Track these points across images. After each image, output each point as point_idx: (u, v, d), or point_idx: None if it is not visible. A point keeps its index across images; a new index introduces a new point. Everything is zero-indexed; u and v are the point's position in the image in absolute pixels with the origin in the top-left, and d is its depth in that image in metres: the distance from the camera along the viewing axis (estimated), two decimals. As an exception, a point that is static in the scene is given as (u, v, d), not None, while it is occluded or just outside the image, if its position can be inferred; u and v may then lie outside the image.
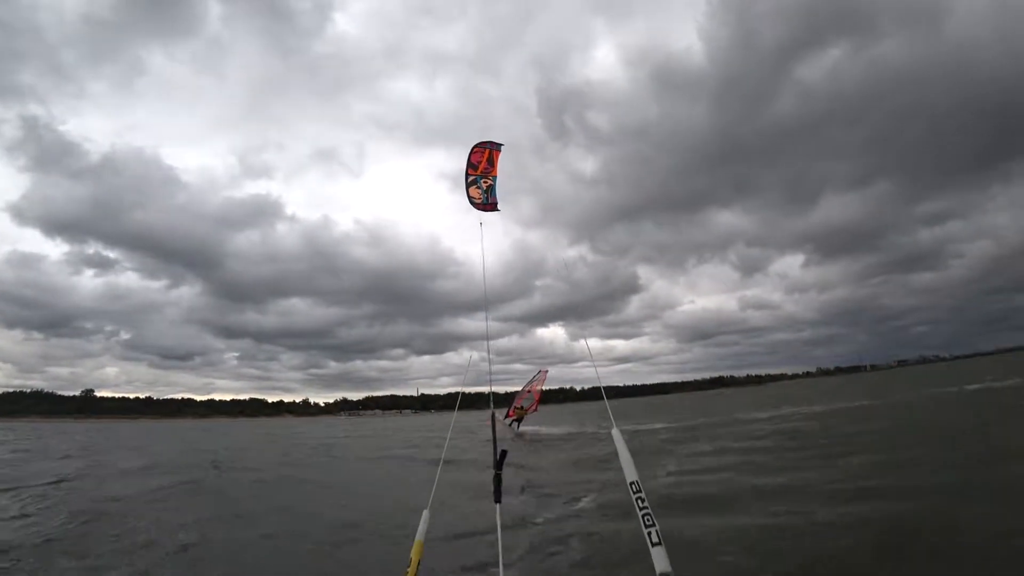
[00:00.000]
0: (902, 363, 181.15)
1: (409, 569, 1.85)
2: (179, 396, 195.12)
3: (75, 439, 37.14)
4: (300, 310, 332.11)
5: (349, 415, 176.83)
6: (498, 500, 2.41)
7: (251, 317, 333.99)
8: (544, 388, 32.89)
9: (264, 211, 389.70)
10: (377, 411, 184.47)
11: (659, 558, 1.49)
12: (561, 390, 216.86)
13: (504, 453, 2.68)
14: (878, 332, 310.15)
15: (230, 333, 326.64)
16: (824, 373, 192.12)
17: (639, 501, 1.69)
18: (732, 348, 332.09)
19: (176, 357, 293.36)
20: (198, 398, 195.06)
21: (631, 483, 1.77)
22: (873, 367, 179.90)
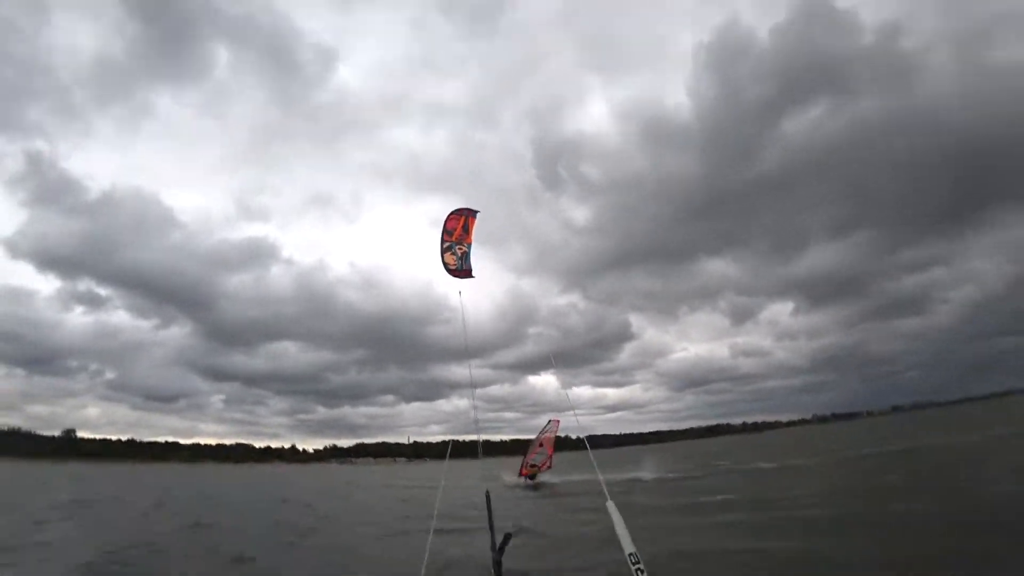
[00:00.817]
0: (897, 408, 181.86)
1: None
2: (162, 439, 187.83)
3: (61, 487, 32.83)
4: (290, 353, 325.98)
5: (341, 463, 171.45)
6: None
7: (240, 360, 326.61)
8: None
9: (260, 253, 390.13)
10: (369, 459, 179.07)
11: None
12: (556, 438, 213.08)
13: (508, 537, 2.46)
14: (867, 378, 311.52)
15: (218, 376, 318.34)
16: (821, 420, 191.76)
17: (639, 573, 1.64)
18: (724, 396, 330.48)
19: (160, 399, 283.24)
20: (183, 441, 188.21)
21: (630, 555, 1.72)
22: (869, 413, 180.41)
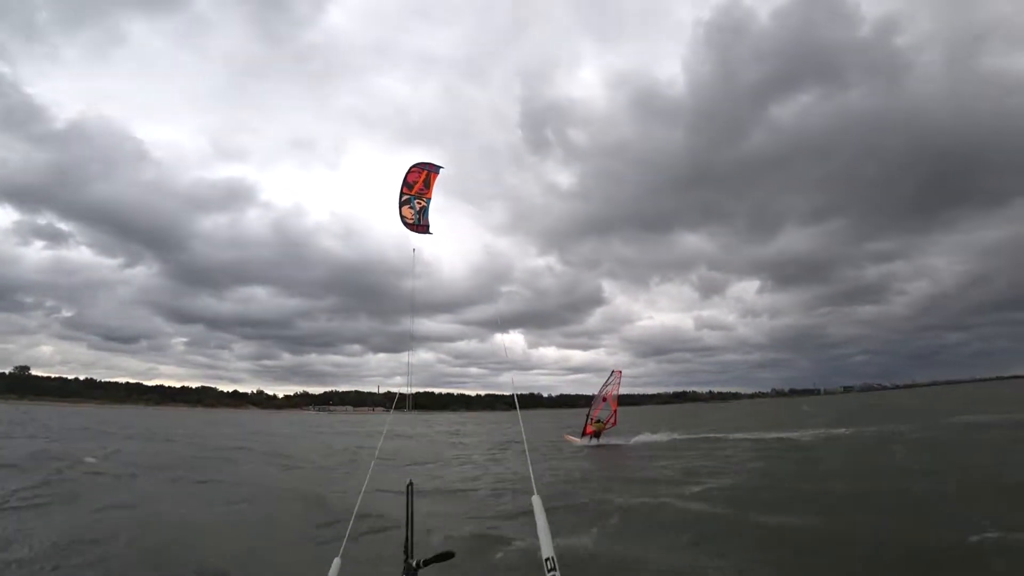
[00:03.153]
0: (847, 389, 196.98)
1: None
2: (122, 380, 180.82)
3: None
4: (260, 298, 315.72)
5: (318, 410, 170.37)
6: None
7: (207, 303, 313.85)
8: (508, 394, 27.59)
9: (237, 195, 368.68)
10: (348, 407, 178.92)
11: None
12: (531, 395, 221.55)
13: (446, 556, 2.12)
14: (820, 359, 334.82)
15: (182, 318, 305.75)
16: (779, 395, 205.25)
17: None
18: (684, 365, 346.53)
19: (119, 339, 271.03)
20: (146, 383, 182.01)
21: (546, 559, 1.53)
22: (826, 392, 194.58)
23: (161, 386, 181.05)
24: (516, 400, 2.51)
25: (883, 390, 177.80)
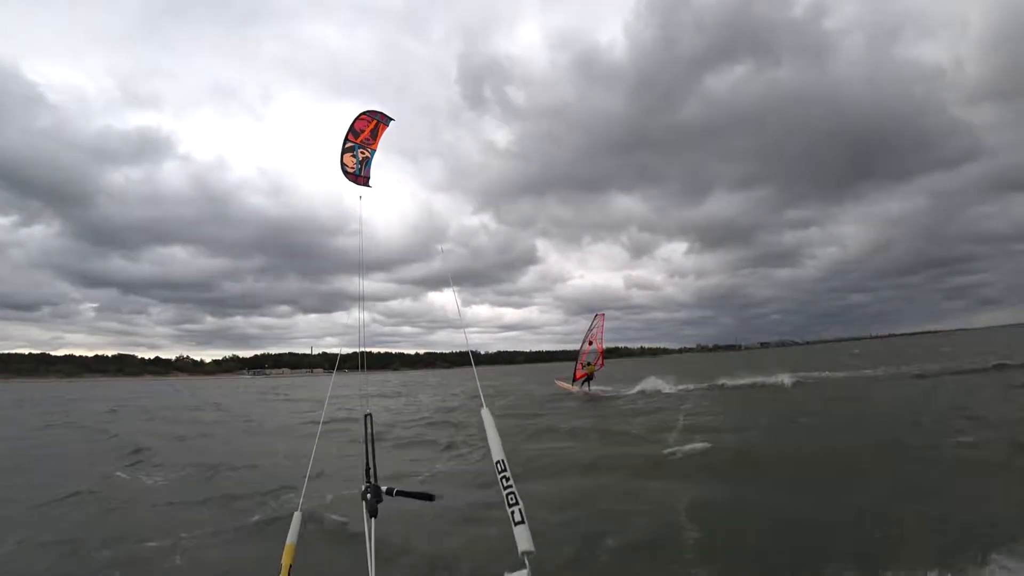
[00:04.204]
0: (764, 345, 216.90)
1: (280, 574, 1.76)
2: (24, 351, 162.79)
3: None
4: (180, 259, 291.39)
5: (254, 374, 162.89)
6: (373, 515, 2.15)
7: (118, 264, 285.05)
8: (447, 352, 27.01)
9: (152, 147, 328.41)
10: (285, 370, 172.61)
11: (522, 537, 1.48)
12: (472, 353, 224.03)
13: (427, 497, 2.31)
14: (740, 317, 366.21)
15: (91, 281, 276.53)
16: (704, 350, 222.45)
17: (504, 480, 1.67)
18: (613, 323, 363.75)
19: (17, 306, 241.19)
20: (53, 353, 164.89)
21: (497, 462, 1.73)
22: (745, 347, 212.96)
23: (72, 355, 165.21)
24: (472, 357, 2.84)
25: (795, 346, 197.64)
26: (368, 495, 2.17)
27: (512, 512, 1.56)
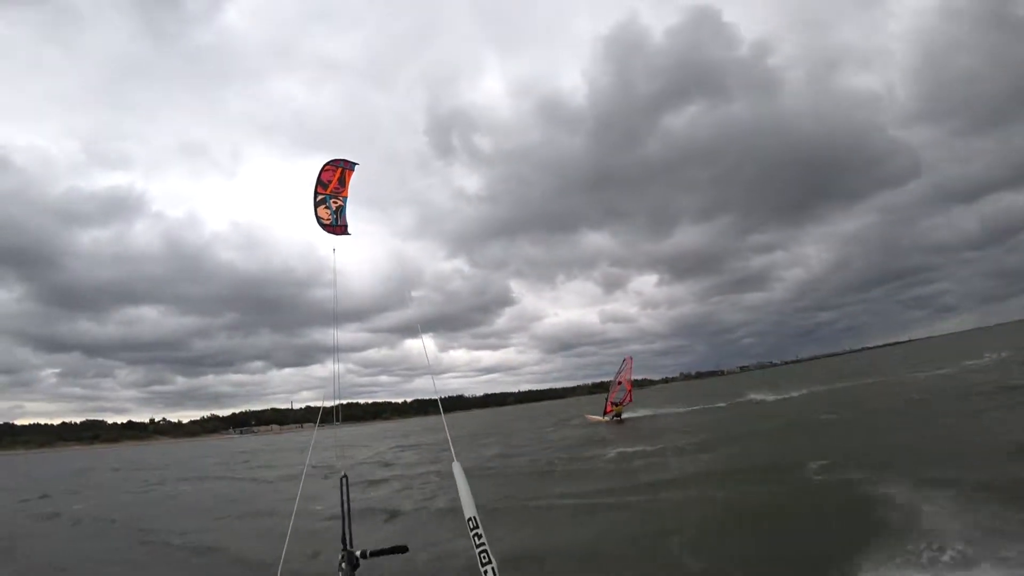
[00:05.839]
0: (744, 368, 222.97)
1: None
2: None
3: None
4: (149, 319, 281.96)
5: (242, 432, 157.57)
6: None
7: (84, 327, 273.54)
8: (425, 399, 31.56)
9: (122, 206, 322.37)
10: (274, 426, 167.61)
11: None
12: (460, 397, 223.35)
13: (399, 550, 2.26)
14: (715, 343, 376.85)
15: (53, 346, 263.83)
16: (688, 377, 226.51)
17: (476, 537, 1.64)
18: (591, 358, 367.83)
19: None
20: (17, 423, 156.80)
21: (469, 519, 1.68)
22: (727, 372, 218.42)
23: (38, 424, 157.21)
24: (440, 405, 2.91)
25: (775, 367, 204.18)
26: (343, 564, 2.12)
27: (485, 571, 1.58)
